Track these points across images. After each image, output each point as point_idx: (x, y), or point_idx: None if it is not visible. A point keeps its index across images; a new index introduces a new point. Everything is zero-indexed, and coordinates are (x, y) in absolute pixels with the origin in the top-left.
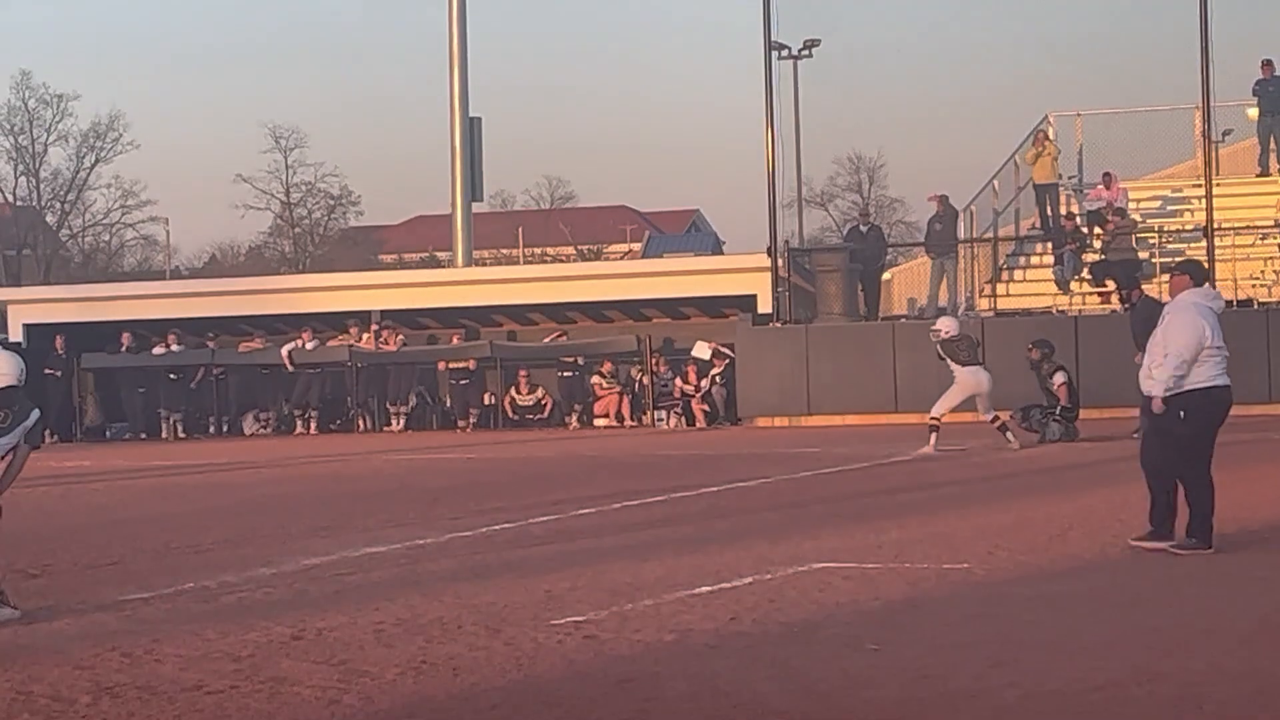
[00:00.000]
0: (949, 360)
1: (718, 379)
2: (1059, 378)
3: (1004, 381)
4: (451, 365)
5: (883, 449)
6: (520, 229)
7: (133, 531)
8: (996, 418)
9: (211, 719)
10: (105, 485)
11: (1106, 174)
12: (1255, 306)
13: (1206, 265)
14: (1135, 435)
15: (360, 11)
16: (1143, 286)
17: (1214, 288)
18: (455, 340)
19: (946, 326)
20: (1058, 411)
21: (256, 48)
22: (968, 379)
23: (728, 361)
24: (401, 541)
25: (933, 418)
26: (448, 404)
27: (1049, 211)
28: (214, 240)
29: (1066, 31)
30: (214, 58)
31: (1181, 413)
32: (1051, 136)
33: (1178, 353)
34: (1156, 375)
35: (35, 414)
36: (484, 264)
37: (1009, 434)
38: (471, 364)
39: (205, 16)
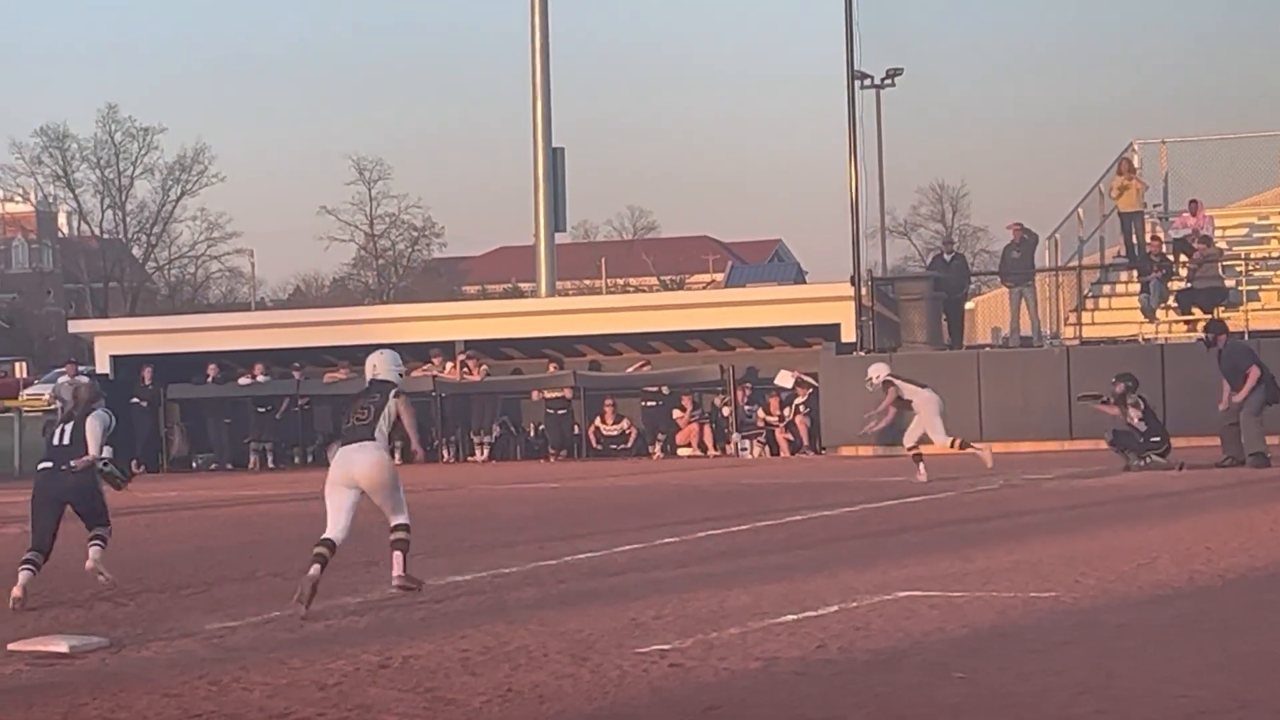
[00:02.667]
0: (901, 391)
1: (801, 408)
2: (1134, 413)
3: (1089, 411)
4: (547, 395)
5: (968, 477)
6: (603, 259)
7: (220, 560)
8: (916, 449)
9: None
10: (192, 515)
11: (1192, 201)
12: None
13: None
14: (1223, 464)
15: (443, 44)
16: (1228, 330)
17: None
18: (552, 369)
19: (878, 372)
20: (1143, 441)
21: (341, 81)
22: (929, 396)
23: (811, 390)
24: (487, 569)
25: (909, 448)
26: (532, 434)
27: (1134, 240)
28: (299, 272)
29: (1151, 59)
30: (298, 90)
31: None
32: (1137, 164)
33: None
34: None
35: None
36: (567, 294)
37: (921, 465)
38: (568, 393)
39: (290, 50)
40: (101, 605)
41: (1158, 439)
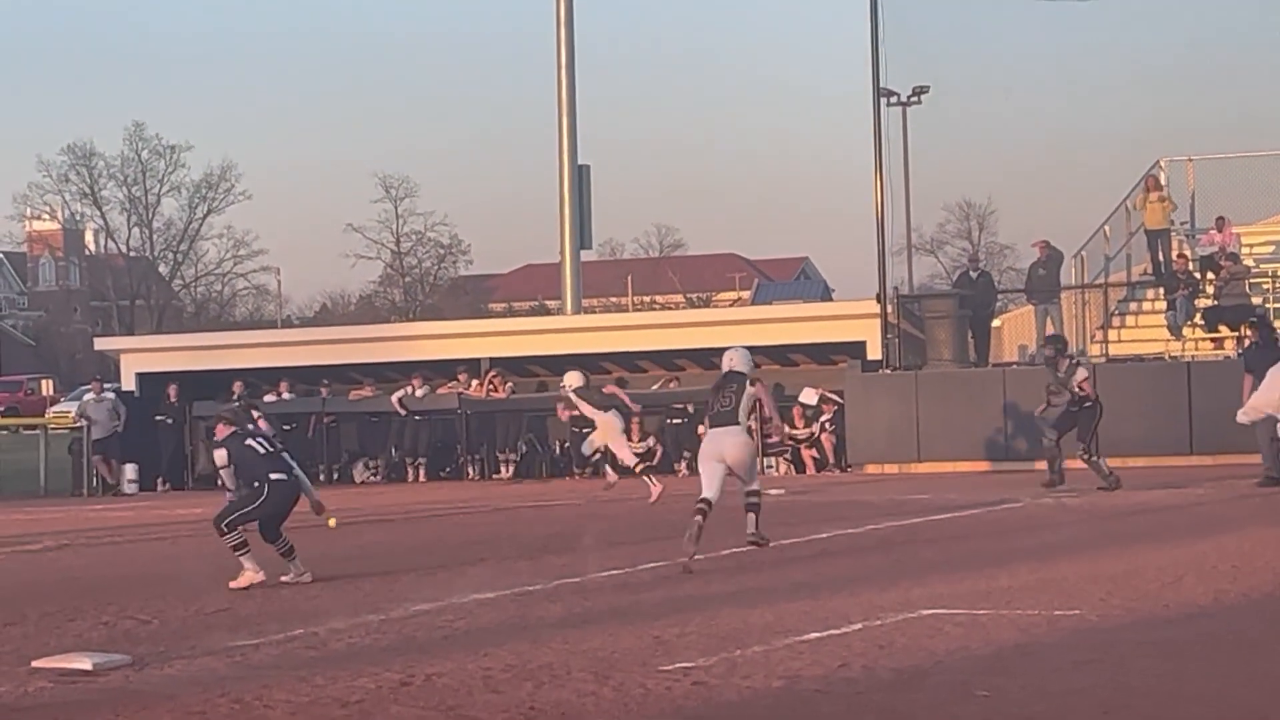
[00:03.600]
0: (580, 408)
1: (827, 425)
2: (1082, 373)
3: (1117, 425)
4: (571, 413)
5: (993, 495)
6: (629, 277)
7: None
8: (639, 467)
9: None
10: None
11: (1220, 218)
12: None
13: None
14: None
15: (469, 61)
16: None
17: None
18: None
19: (569, 381)
20: (1080, 406)
21: (367, 98)
22: (609, 419)
23: (836, 408)
24: (510, 588)
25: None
26: (558, 451)
27: (1161, 257)
28: (325, 289)
29: (1179, 76)
30: (325, 108)
31: None
32: (1164, 182)
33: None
34: None
35: None
36: (593, 312)
37: (650, 478)
38: None
39: (316, 67)
40: (125, 623)
41: (1095, 401)
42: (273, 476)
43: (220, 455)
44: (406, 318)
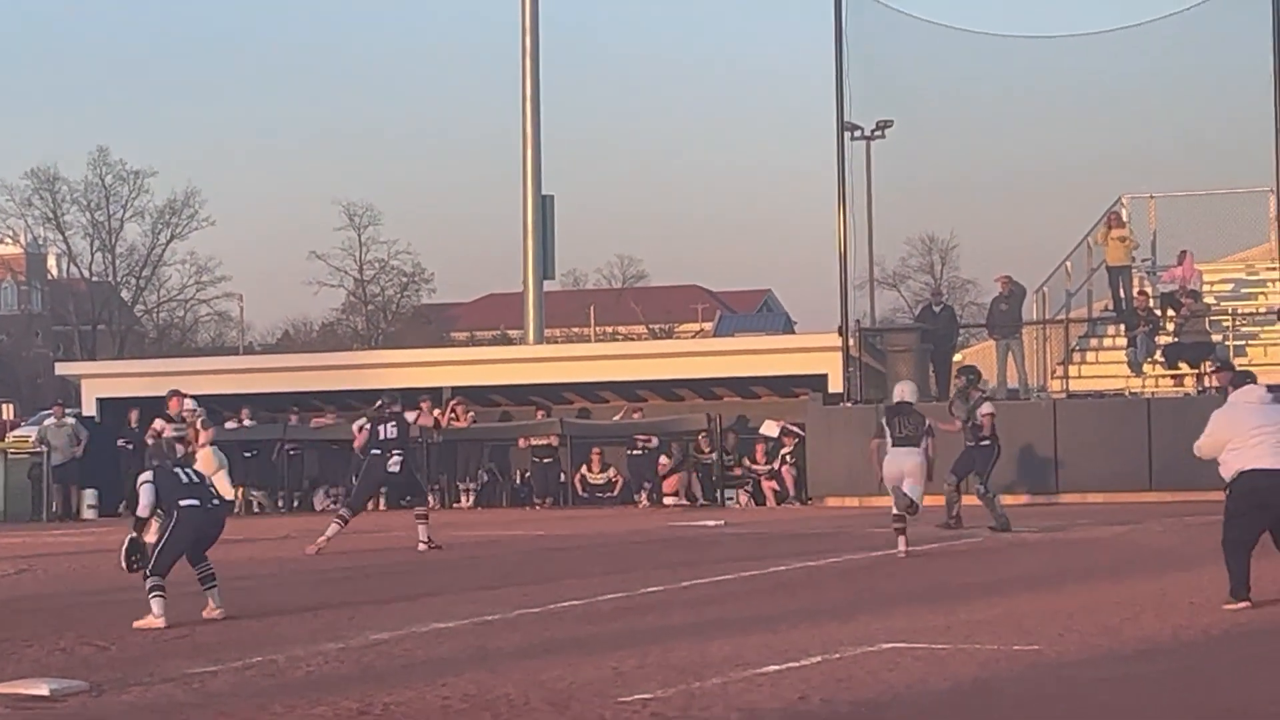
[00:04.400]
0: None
1: (788, 457)
2: (987, 407)
3: (1077, 461)
4: (534, 443)
5: (953, 529)
6: (592, 307)
7: (201, 604)
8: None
9: None
10: None
11: (1182, 251)
12: None
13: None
14: None
15: (435, 90)
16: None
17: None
18: (539, 416)
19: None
20: (978, 444)
21: (331, 126)
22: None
23: (798, 440)
24: (469, 617)
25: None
26: (519, 481)
27: (1122, 293)
28: (287, 317)
29: (1140, 113)
30: (289, 135)
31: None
32: (1125, 218)
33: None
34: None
35: None
36: (555, 342)
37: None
38: (554, 441)
39: (281, 96)
40: (83, 649)
41: (992, 441)
42: (182, 503)
43: (146, 489)
44: (369, 346)
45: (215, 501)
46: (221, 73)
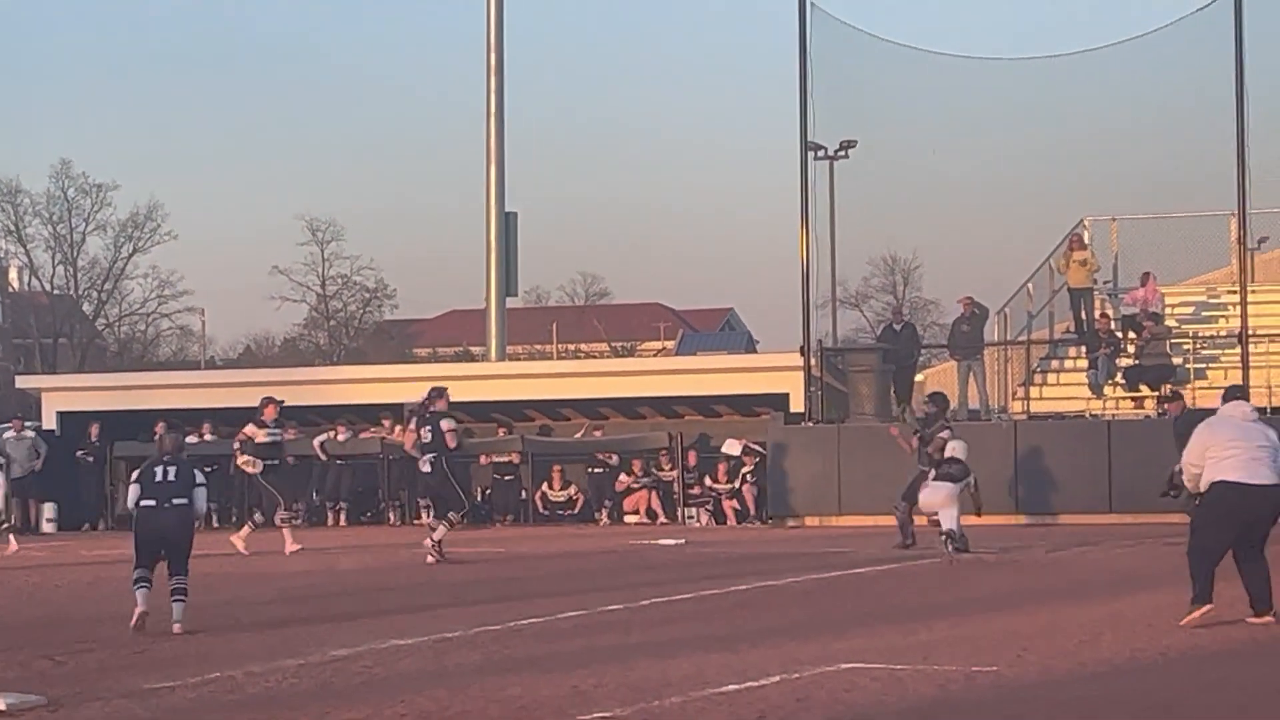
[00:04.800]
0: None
1: (749, 476)
2: (945, 435)
3: (1038, 483)
4: (495, 459)
5: (914, 550)
6: (554, 325)
7: (161, 620)
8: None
9: None
10: None
11: (1145, 273)
12: None
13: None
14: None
15: (398, 107)
16: (1183, 399)
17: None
18: (501, 433)
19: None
20: (937, 472)
21: (295, 140)
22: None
23: (758, 459)
24: (428, 634)
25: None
26: (479, 498)
27: (1083, 316)
28: (249, 331)
29: (1102, 136)
30: (253, 149)
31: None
32: (1087, 241)
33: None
34: None
35: None
36: (518, 359)
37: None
38: (515, 458)
39: (244, 110)
40: (40, 663)
41: (958, 465)
42: (142, 503)
43: (132, 488)
44: (331, 361)
45: (175, 501)
46: (185, 87)
